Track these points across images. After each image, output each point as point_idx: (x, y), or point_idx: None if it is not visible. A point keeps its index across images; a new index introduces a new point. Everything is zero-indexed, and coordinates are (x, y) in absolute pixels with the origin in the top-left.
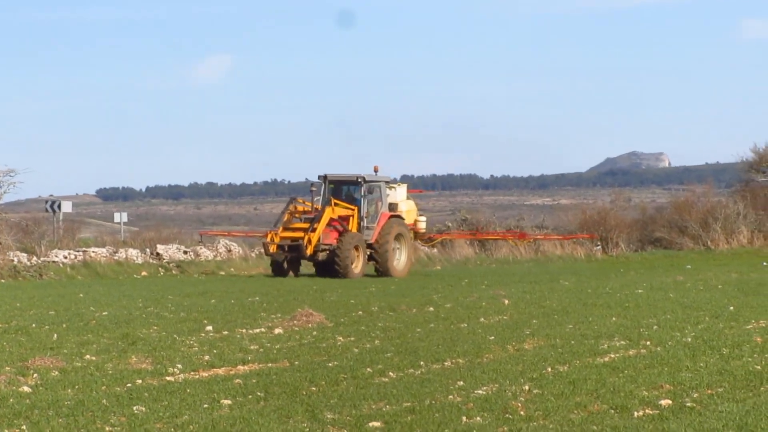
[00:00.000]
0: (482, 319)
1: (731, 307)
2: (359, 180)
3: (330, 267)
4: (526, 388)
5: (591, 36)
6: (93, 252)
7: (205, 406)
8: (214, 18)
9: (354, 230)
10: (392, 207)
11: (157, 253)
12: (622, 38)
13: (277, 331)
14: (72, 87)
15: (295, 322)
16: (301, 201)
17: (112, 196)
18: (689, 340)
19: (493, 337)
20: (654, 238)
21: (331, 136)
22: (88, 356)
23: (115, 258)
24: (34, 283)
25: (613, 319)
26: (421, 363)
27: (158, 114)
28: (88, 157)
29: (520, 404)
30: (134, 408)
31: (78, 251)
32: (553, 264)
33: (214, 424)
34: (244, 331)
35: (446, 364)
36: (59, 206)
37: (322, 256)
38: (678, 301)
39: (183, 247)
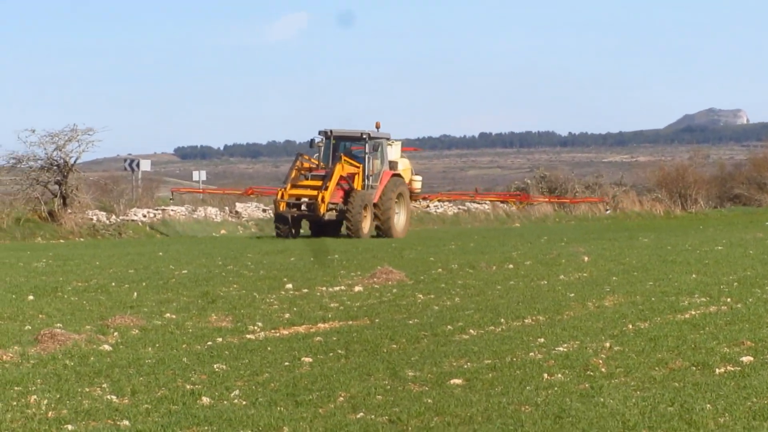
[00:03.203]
0: (562, 276)
1: None
2: (364, 136)
3: (329, 226)
4: (607, 345)
5: None
6: (172, 211)
7: (286, 363)
8: None
9: (358, 188)
10: (392, 165)
11: (236, 212)
12: None
13: (357, 288)
14: (151, 45)
15: (374, 279)
16: (306, 158)
17: (190, 154)
18: None
19: (573, 294)
20: (733, 194)
21: (407, 92)
22: (168, 314)
23: (194, 216)
24: (113, 242)
25: (693, 276)
26: (502, 320)
27: (236, 71)
28: (166, 115)
29: (601, 361)
30: (215, 366)
31: (157, 210)
32: (632, 221)
33: (294, 382)
34: (324, 288)
35: (526, 321)
36: (138, 165)
37: (329, 215)
38: (758, 257)
39: (262, 206)
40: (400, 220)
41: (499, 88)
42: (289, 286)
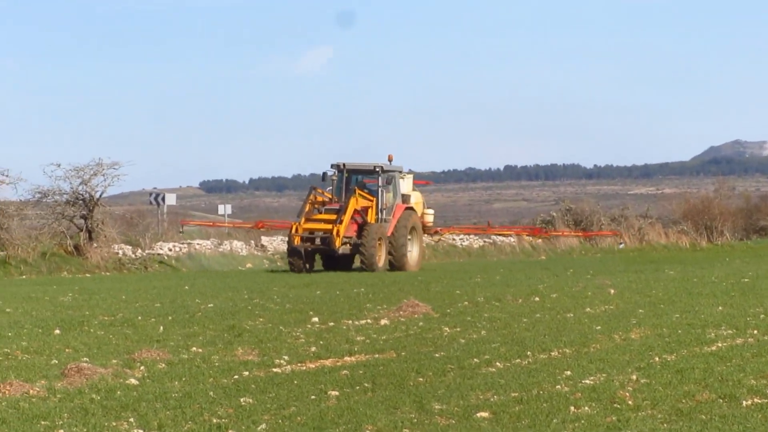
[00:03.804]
0: (588, 309)
1: None
2: (377, 169)
3: (342, 260)
4: (634, 377)
5: (694, 21)
6: (198, 244)
7: (313, 397)
8: (316, 8)
9: (372, 222)
10: (405, 198)
11: (262, 245)
12: (725, 24)
13: (383, 321)
14: (176, 78)
15: (401, 312)
16: (320, 191)
17: (215, 188)
18: None
19: (599, 327)
20: (759, 226)
21: (433, 124)
22: (194, 348)
23: (220, 250)
24: (139, 276)
25: (720, 308)
26: (528, 353)
27: (261, 105)
28: (191, 149)
29: (627, 394)
30: (241, 400)
31: (182, 243)
32: (658, 253)
33: (321, 415)
34: (350, 322)
35: (553, 353)
36: (163, 199)
37: (344, 249)
38: None
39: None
40: (413, 253)
41: (523, 120)
42: (315, 319)
